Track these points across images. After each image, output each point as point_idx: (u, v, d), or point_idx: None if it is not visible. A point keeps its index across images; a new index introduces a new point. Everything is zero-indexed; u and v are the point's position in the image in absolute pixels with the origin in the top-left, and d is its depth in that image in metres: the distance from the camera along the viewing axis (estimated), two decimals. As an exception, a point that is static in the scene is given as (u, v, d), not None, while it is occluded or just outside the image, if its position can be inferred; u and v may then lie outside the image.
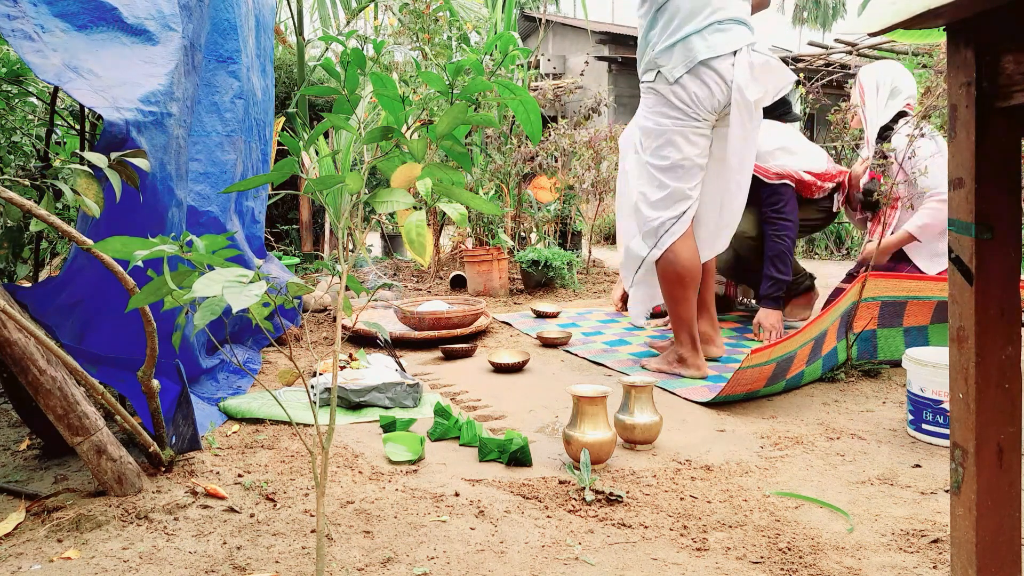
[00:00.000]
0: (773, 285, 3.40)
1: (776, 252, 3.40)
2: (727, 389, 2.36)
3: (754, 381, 2.39)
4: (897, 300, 2.68)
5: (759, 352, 2.29)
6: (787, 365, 2.44)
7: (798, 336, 2.38)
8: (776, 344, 2.31)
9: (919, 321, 2.72)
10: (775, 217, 3.41)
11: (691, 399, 2.50)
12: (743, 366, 2.28)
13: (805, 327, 2.41)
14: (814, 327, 2.43)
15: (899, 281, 2.68)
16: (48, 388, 1.60)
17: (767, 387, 2.47)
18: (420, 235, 1.20)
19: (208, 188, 2.48)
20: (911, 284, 2.68)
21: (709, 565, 1.40)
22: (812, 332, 2.44)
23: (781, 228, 3.40)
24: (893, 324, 2.72)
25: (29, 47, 1.64)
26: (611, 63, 14.36)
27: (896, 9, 0.78)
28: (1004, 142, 0.82)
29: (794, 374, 2.52)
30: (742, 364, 2.28)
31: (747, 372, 2.33)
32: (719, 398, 2.40)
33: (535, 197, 5.87)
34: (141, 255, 1.11)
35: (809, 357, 2.53)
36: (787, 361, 2.42)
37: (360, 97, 1.71)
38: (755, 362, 2.31)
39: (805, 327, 2.41)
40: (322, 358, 3.06)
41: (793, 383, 2.58)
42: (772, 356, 2.33)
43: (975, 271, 0.83)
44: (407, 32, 5.45)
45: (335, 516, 1.60)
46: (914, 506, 1.66)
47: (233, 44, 2.64)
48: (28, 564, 1.40)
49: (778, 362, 2.38)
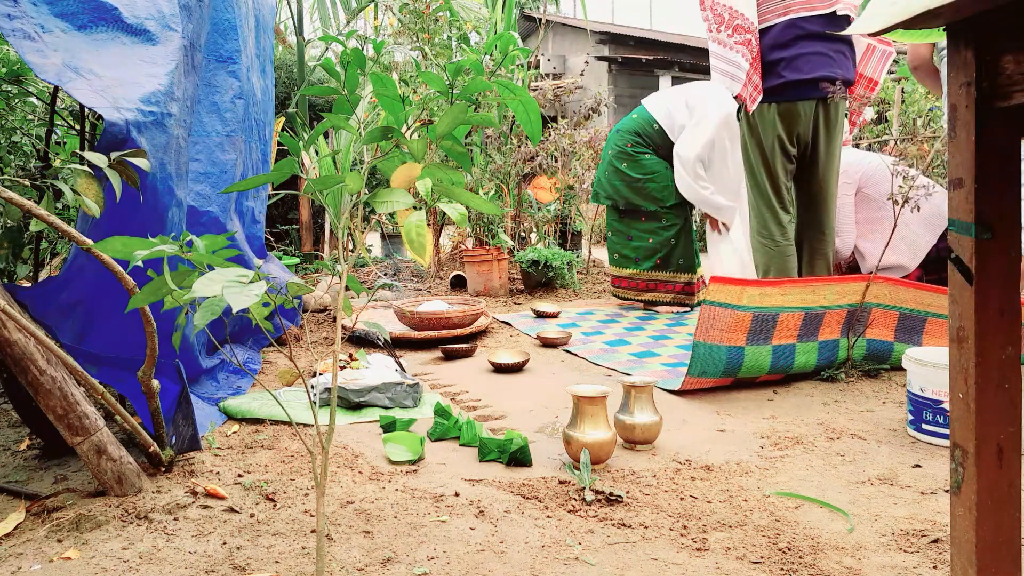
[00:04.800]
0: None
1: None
2: (700, 332, 2.34)
3: (732, 330, 2.35)
4: (916, 315, 2.66)
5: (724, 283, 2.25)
6: (770, 325, 2.39)
7: (776, 290, 2.34)
8: (746, 283, 2.28)
9: (939, 343, 2.69)
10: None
11: (679, 387, 2.52)
12: (709, 300, 2.26)
13: (783, 282, 2.39)
14: (797, 291, 2.39)
15: (919, 293, 2.65)
16: (48, 388, 1.60)
17: (751, 347, 2.43)
18: (420, 235, 1.20)
19: (208, 188, 2.48)
20: (932, 299, 2.65)
21: (709, 565, 1.40)
22: (797, 298, 2.39)
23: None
24: (912, 341, 2.71)
25: (29, 47, 1.64)
26: (611, 63, 14.36)
27: (896, 9, 0.78)
28: (1004, 142, 0.82)
29: (782, 344, 2.49)
30: (707, 297, 2.26)
31: (718, 312, 2.28)
32: (698, 345, 2.37)
33: (535, 197, 5.87)
34: (141, 255, 1.11)
35: (800, 331, 2.50)
36: (769, 320, 2.37)
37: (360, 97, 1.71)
38: (724, 299, 2.26)
39: (783, 282, 2.39)
40: (322, 358, 3.05)
41: (783, 361, 2.56)
42: (743, 300, 2.29)
43: (975, 271, 0.83)
44: (407, 32, 5.45)
45: (335, 516, 1.60)
46: (914, 506, 1.66)
47: (233, 44, 2.63)
48: (28, 564, 1.40)
49: (756, 314, 2.33)
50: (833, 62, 3.16)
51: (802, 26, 3.14)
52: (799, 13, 3.13)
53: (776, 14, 3.16)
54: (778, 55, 3.14)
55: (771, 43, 3.17)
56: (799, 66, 3.12)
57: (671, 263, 4.19)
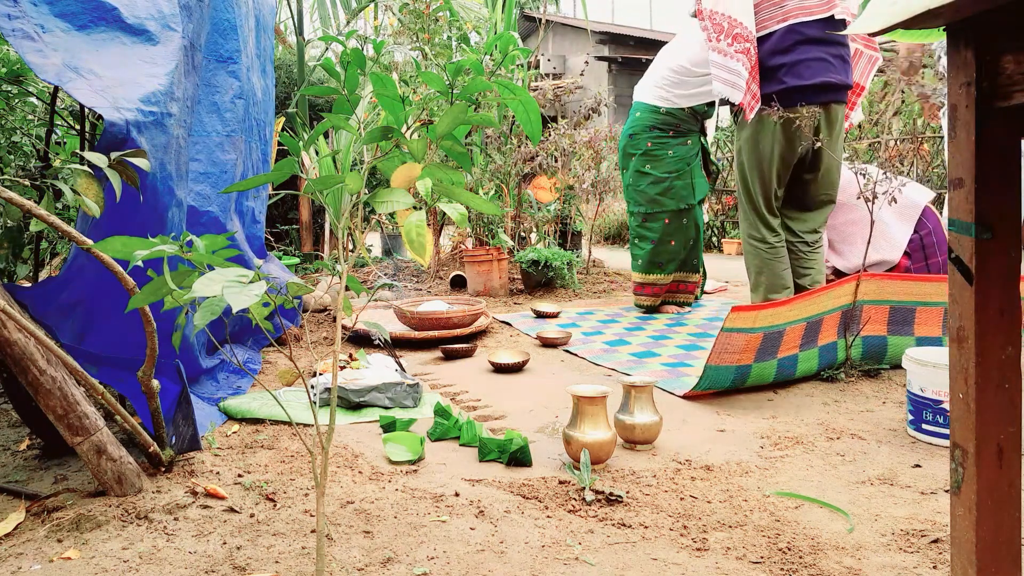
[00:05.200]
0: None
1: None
2: (713, 357, 2.36)
3: (743, 351, 2.38)
4: (906, 306, 2.68)
5: (743, 311, 2.28)
6: (777, 341, 2.42)
7: (784, 308, 2.37)
8: (761, 308, 2.31)
9: (932, 331, 2.70)
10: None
11: (684, 393, 2.51)
12: (727, 327, 2.29)
13: (791, 300, 2.41)
14: (801, 305, 2.42)
15: (905, 284, 2.67)
16: (48, 388, 1.60)
17: (758, 363, 2.45)
18: (420, 235, 1.20)
19: (208, 188, 2.48)
20: (918, 288, 2.67)
21: (709, 565, 1.40)
22: (802, 310, 2.43)
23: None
24: (905, 332, 2.72)
25: (30, 47, 1.64)
26: (611, 63, 14.36)
27: (896, 9, 0.78)
28: (1004, 142, 0.82)
29: (786, 356, 2.51)
30: (725, 325, 2.28)
31: (733, 337, 2.31)
32: (709, 368, 2.39)
33: (535, 197, 5.87)
34: (141, 255, 1.11)
35: (802, 341, 2.52)
36: (776, 336, 2.40)
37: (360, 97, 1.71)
38: (740, 325, 2.29)
39: (791, 300, 2.41)
40: (322, 358, 3.05)
41: (787, 371, 2.57)
42: (758, 322, 2.32)
43: (975, 271, 0.83)
44: (407, 32, 5.45)
45: (335, 516, 1.60)
46: (914, 506, 1.66)
47: (233, 44, 2.63)
48: (28, 564, 1.40)
49: (765, 333, 2.36)
50: (833, 67, 3.17)
51: (801, 31, 3.15)
52: (798, 18, 3.15)
53: (775, 20, 3.17)
54: (779, 60, 3.15)
55: (771, 49, 3.18)
56: (800, 72, 3.13)
57: (689, 263, 4.18)
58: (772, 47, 3.18)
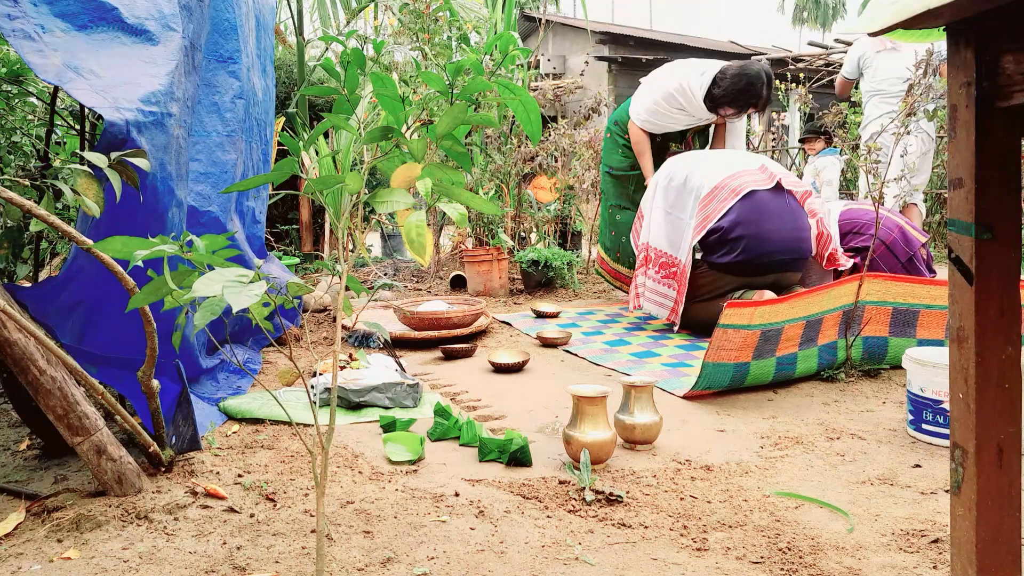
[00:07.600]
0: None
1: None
2: (711, 354, 2.36)
3: (740, 348, 2.38)
4: (909, 308, 2.68)
5: (739, 307, 2.28)
6: (775, 338, 2.42)
7: (783, 305, 2.37)
8: (758, 304, 2.31)
9: (934, 334, 2.71)
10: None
11: (684, 393, 2.51)
12: (723, 323, 2.29)
13: (790, 297, 2.41)
14: (801, 303, 2.42)
15: (909, 286, 2.67)
16: (48, 388, 1.60)
17: (756, 361, 2.45)
18: (420, 235, 1.20)
19: (208, 188, 2.48)
20: (921, 290, 2.67)
21: (709, 565, 1.40)
22: (801, 309, 2.43)
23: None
24: (907, 335, 2.72)
25: (30, 47, 1.64)
26: (611, 63, 14.35)
27: (896, 9, 0.78)
28: (1004, 142, 0.82)
29: (784, 355, 2.50)
30: (721, 321, 2.29)
31: (730, 333, 2.31)
32: (707, 365, 2.39)
33: (535, 197, 5.87)
34: (141, 255, 1.11)
35: (801, 340, 2.52)
36: (775, 334, 2.40)
37: (360, 97, 1.71)
38: (737, 321, 2.30)
39: (790, 297, 2.41)
40: (322, 358, 3.05)
41: (786, 370, 2.57)
42: (755, 319, 2.33)
43: (975, 271, 0.83)
44: (407, 32, 5.45)
45: (335, 516, 1.60)
46: (914, 506, 1.66)
47: (233, 44, 2.64)
48: (28, 564, 1.40)
49: (763, 331, 2.36)
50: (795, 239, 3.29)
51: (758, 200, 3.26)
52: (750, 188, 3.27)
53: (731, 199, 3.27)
54: (739, 233, 3.24)
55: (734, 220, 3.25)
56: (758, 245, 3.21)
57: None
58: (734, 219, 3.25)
